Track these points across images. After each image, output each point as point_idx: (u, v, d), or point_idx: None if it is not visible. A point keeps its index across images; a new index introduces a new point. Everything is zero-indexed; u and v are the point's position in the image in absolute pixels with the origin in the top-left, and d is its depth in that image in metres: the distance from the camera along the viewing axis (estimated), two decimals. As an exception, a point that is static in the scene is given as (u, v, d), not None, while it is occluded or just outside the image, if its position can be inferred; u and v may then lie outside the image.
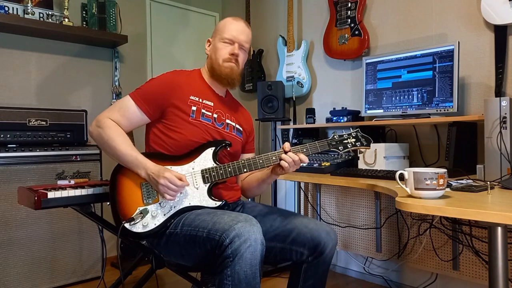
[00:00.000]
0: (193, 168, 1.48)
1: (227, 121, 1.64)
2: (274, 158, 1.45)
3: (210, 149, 1.50)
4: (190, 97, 1.55)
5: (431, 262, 2.21)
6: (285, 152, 1.43)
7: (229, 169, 1.46)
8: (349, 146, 1.49)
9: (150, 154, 1.51)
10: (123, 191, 1.46)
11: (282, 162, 1.43)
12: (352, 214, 2.60)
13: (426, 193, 1.20)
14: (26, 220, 2.33)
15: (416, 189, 1.21)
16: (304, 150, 1.46)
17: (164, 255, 1.51)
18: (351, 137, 1.50)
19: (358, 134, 1.51)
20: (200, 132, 1.53)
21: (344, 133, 1.51)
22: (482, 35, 2.10)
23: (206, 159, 1.49)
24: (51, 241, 2.41)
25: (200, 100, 1.57)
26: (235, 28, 1.60)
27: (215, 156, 1.49)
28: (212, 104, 1.60)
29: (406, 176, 1.24)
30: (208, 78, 1.65)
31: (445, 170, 1.21)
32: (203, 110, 1.57)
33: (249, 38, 1.65)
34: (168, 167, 1.45)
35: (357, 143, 1.49)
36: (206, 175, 1.46)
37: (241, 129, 1.71)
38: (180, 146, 1.51)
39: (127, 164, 1.46)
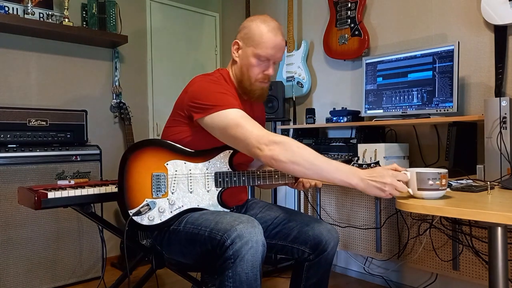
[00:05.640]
0: (207, 169, 1.44)
1: None
2: (290, 176, 1.45)
3: (228, 151, 1.45)
4: None
5: (431, 262, 2.20)
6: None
7: (243, 178, 1.43)
8: None
9: (165, 144, 1.45)
10: (133, 179, 1.40)
11: (298, 184, 1.46)
12: (352, 214, 2.60)
13: (429, 193, 1.18)
14: (26, 220, 2.33)
15: (419, 189, 1.19)
16: None
17: (165, 252, 1.51)
18: (370, 168, 1.48)
19: (377, 166, 1.49)
20: None
21: (364, 162, 1.50)
22: (482, 35, 2.10)
23: (222, 162, 1.45)
24: (51, 241, 2.41)
25: None
26: (274, 45, 1.45)
27: (231, 160, 1.45)
28: None
29: (409, 176, 1.22)
30: (236, 83, 1.56)
31: (446, 170, 1.21)
32: None
33: (284, 50, 1.52)
34: (182, 162, 1.41)
35: None
36: (219, 179, 1.43)
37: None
38: (203, 148, 1.46)
39: (338, 178, 1.26)
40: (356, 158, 1.54)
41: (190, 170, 1.43)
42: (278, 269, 2.72)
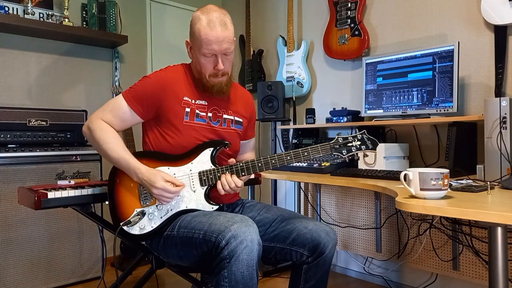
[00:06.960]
0: (190, 170, 1.45)
1: (224, 116, 1.58)
2: (273, 161, 1.42)
3: (208, 150, 1.46)
4: (184, 98, 1.50)
5: (431, 262, 2.20)
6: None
7: (227, 172, 1.42)
8: (354, 150, 1.39)
9: (148, 153, 1.50)
10: (122, 191, 1.45)
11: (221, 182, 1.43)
12: (352, 214, 2.60)
13: (432, 193, 1.17)
14: (26, 220, 2.33)
15: (421, 189, 1.18)
16: (305, 154, 1.40)
17: (162, 257, 1.51)
18: (356, 140, 1.40)
19: (364, 136, 1.41)
20: (194, 135, 1.49)
21: (348, 135, 1.42)
22: (482, 35, 2.10)
23: (204, 160, 1.45)
24: (51, 241, 2.41)
25: (193, 101, 1.51)
26: (214, 39, 1.40)
27: (213, 158, 1.46)
28: (205, 103, 1.54)
29: (411, 176, 1.20)
30: (195, 81, 1.56)
31: (448, 170, 1.21)
32: (197, 111, 1.51)
33: (232, 39, 1.45)
34: (165, 168, 1.44)
35: (362, 146, 1.39)
36: (203, 177, 1.43)
37: (240, 120, 1.64)
38: (174, 150, 1.48)
39: (119, 167, 1.45)
40: (339, 132, 1.49)
41: (174, 174, 1.44)
42: (278, 269, 2.72)
